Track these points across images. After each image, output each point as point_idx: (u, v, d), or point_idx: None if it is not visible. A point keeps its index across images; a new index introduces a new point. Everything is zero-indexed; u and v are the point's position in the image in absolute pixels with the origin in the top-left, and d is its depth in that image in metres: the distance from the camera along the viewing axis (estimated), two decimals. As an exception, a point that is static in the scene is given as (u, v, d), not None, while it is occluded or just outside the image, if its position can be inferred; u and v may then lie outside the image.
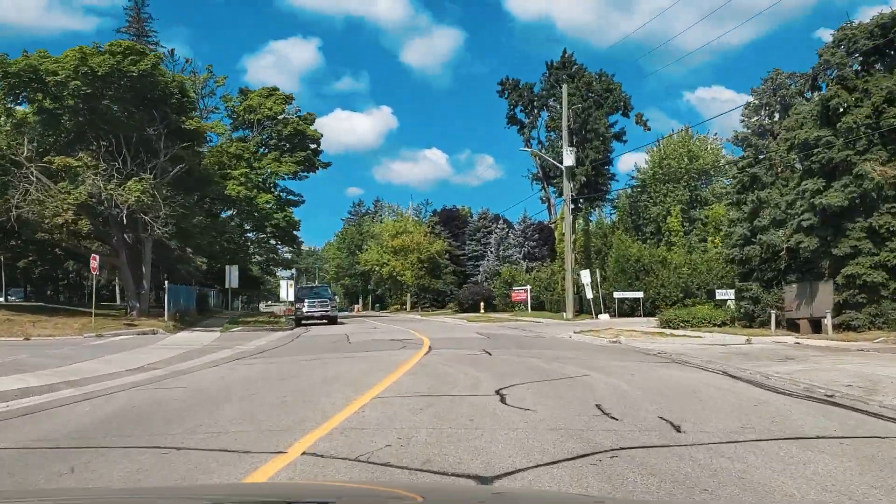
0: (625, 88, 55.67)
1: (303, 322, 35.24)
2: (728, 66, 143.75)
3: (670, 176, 58.61)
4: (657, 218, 56.11)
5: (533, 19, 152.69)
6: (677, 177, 58.04)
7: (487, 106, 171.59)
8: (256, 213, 41.18)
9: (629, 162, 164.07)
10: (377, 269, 60.62)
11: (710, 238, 47.97)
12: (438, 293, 69.03)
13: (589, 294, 35.76)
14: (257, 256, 69.31)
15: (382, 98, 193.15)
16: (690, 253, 40.88)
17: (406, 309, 73.10)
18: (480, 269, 59.26)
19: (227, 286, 30.62)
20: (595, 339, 20.61)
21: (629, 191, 55.74)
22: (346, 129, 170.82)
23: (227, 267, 30.38)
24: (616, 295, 35.58)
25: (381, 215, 68.20)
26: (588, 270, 36.56)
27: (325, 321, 35.32)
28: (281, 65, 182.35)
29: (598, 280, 36.24)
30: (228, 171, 39.84)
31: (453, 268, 68.98)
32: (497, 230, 59.83)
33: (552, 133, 55.83)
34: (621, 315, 35.97)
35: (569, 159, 36.59)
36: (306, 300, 35.26)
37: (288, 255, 72.97)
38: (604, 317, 35.39)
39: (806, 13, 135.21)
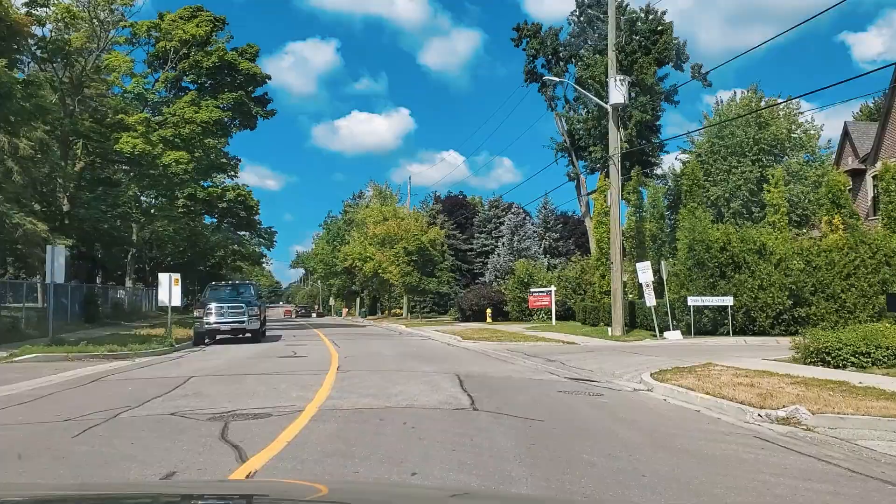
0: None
1: (208, 339, 23.07)
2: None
3: (733, 149, 45.61)
4: (718, 202, 43.28)
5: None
6: (743, 149, 45.09)
7: (507, 108, 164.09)
8: (165, 180, 28.84)
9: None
10: (359, 264, 48.36)
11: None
12: (441, 296, 56.50)
13: (650, 300, 23.04)
14: (222, 250, 57.24)
15: (400, 99, 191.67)
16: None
17: (403, 315, 60.65)
18: (488, 265, 46.69)
19: (48, 279, 18.21)
20: (738, 422, 7.82)
21: (684, 160, 42.79)
22: (364, 132, 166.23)
23: (48, 248, 18.01)
24: (691, 301, 22.82)
25: (371, 200, 55.83)
26: (648, 263, 23.82)
27: (243, 336, 23.13)
28: (299, 66, 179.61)
29: (665, 276, 23.48)
30: (122, 116, 27.61)
31: (458, 264, 56.43)
32: (512, 217, 47.15)
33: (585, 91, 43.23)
34: (699, 333, 23.20)
35: (617, 94, 23.91)
36: (212, 305, 22.94)
37: (259, 248, 60.77)
38: (672, 335, 22.67)
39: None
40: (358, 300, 69.03)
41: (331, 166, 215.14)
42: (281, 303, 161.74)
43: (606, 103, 24.79)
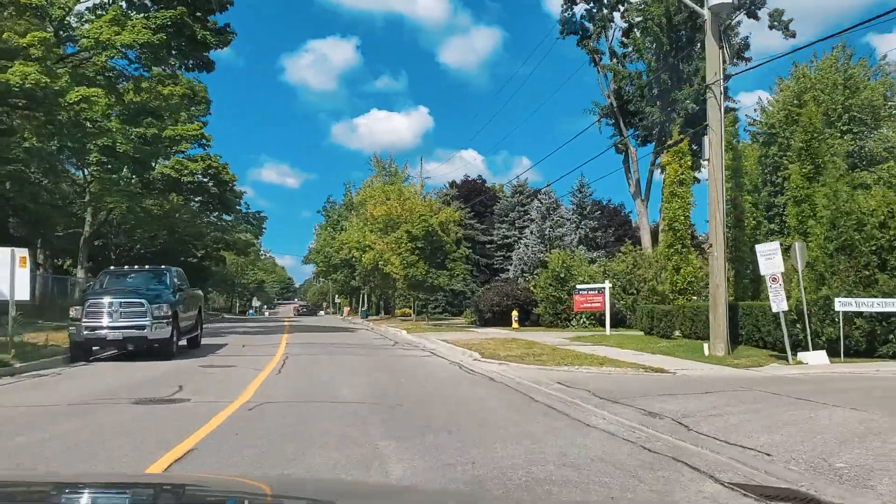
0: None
1: (88, 351, 15.13)
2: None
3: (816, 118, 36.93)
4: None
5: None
6: (830, 119, 36.45)
7: (525, 107, 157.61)
8: (77, 128, 20.76)
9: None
10: (357, 254, 40.33)
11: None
12: (454, 295, 48.26)
13: (779, 303, 14.61)
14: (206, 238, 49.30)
15: (420, 98, 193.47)
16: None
17: (412, 316, 52.49)
18: (513, 257, 38.42)
19: None
20: None
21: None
22: (383, 130, 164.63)
23: None
24: (840, 305, 14.46)
25: (374, 179, 47.19)
26: (776, 245, 15.39)
27: (145, 348, 15.17)
28: (319, 64, 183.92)
29: (800, 264, 14.95)
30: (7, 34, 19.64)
31: (476, 258, 48.15)
32: (543, 199, 38.77)
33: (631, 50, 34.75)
34: (851, 354, 14.76)
35: (721, -12, 15.55)
36: (96, 301, 14.90)
37: (245, 236, 52.67)
38: (813, 357, 14.28)
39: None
40: (362, 297, 60.80)
41: (350, 164, 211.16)
42: (295, 300, 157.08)
43: (702, 6, 16.39)
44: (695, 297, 22.32)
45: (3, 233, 26.65)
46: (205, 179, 36.44)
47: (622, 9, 35.29)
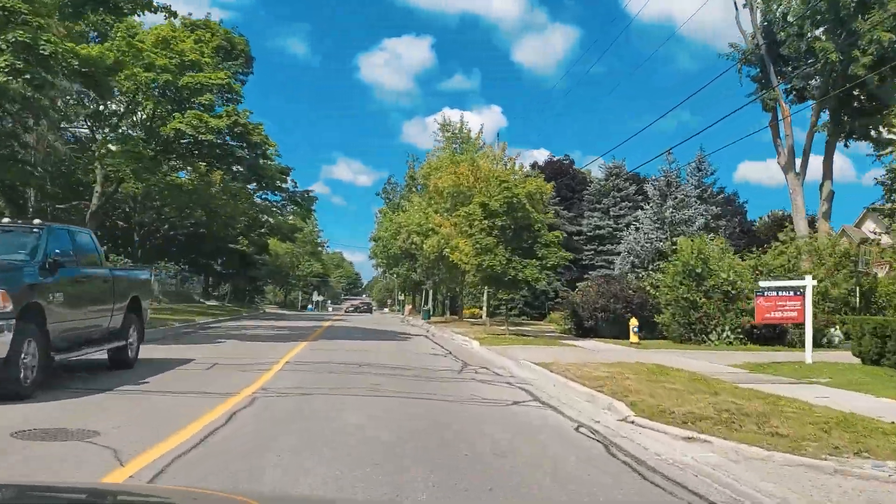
0: None
1: None
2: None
3: None
4: None
5: (652, 20, 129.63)
6: None
7: (601, 106, 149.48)
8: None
9: None
10: (417, 240, 32.58)
11: None
12: (535, 295, 40.08)
13: None
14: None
15: (492, 97, 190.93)
16: None
17: (482, 317, 44.47)
18: (621, 248, 29.98)
19: None
20: None
21: None
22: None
23: None
24: None
25: (437, 151, 38.62)
26: None
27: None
28: (393, 63, 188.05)
29: None
30: None
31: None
32: (660, 177, 30.00)
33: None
34: None
35: None
36: None
37: (290, 218, 45.38)
38: None
39: None
40: (424, 294, 52.88)
41: (419, 163, 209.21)
42: (364, 295, 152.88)
43: None
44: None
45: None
46: (234, 143, 29.38)
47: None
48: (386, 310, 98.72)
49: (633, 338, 20.97)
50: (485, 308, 44.92)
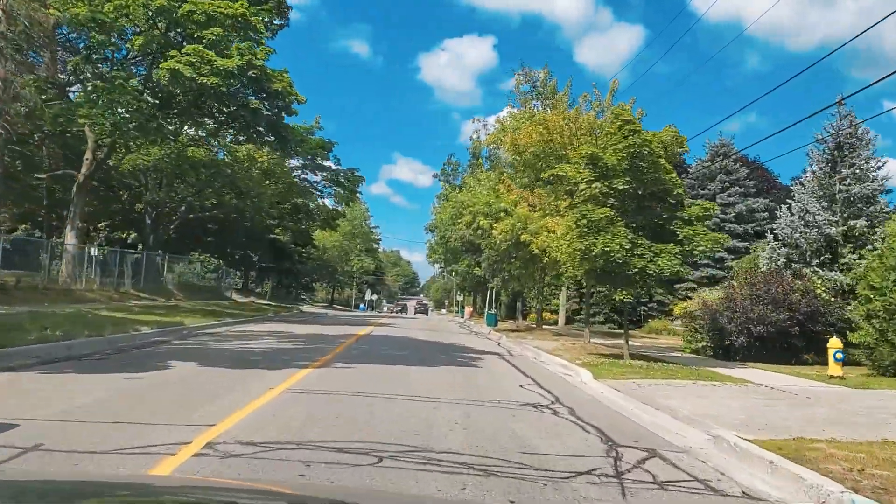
0: None
1: None
2: None
3: None
4: None
5: (720, 19, 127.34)
6: None
7: (665, 103, 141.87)
8: None
9: None
10: (484, 223, 25.10)
11: None
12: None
13: None
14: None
15: None
16: None
17: (558, 324, 36.86)
18: (770, 232, 21.96)
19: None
20: None
21: None
22: None
23: None
24: None
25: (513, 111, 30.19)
26: None
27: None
28: (455, 63, 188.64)
29: None
30: None
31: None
32: (817, 149, 21.82)
33: None
34: None
35: None
36: None
37: (331, 203, 38.48)
38: None
39: None
40: (489, 295, 45.07)
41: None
42: (421, 296, 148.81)
43: None
44: None
45: None
46: (247, 91, 22.67)
47: None
48: (444, 311, 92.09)
49: (835, 368, 13.16)
50: (561, 312, 37.20)
